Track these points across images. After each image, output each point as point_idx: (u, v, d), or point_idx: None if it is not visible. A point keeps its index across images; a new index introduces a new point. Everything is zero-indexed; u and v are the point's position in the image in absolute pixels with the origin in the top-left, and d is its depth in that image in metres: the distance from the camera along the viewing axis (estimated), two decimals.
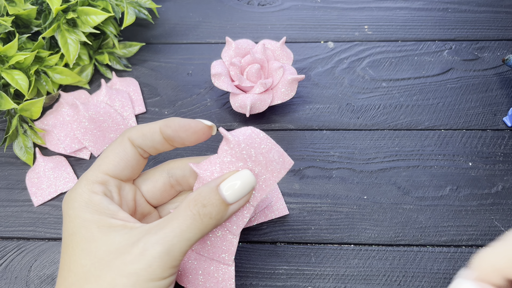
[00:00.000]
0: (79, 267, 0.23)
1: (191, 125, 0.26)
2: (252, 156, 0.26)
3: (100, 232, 0.23)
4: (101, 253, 0.23)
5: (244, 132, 0.26)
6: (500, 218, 0.35)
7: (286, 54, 0.41)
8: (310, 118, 0.42)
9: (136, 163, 0.27)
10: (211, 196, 0.24)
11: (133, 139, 0.27)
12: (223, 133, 0.26)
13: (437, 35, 0.47)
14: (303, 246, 0.35)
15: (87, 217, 0.24)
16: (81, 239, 0.23)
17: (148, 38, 0.49)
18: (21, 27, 0.42)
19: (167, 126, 0.26)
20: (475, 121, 0.41)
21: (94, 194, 0.25)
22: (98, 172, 0.26)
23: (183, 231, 0.23)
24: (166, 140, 0.27)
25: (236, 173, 0.25)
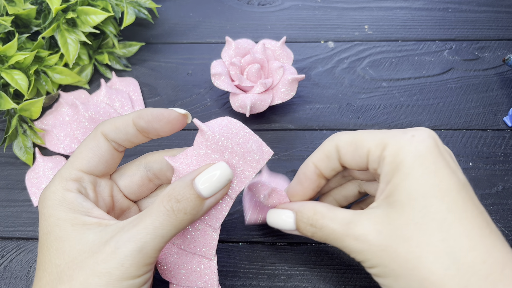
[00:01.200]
0: (53, 267, 0.23)
1: (164, 114, 0.25)
2: (228, 147, 0.25)
3: (74, 231, 0.23)
4: (75, 252, 0.22)
5: (220, 123, 0.26)
6: (500, 218, 0.35)
7: (286, 54, 0.41)
8: (310, 118, 0.42)
9: (110, 158, 0.26)
10: (185, 191, 0.23)
11: (106, 133, 0.26)
12: (197, 124, 0.25)
13: (437, 35, 0.47)
14: (303, 246, 0.35)
15: (60, 215, 0.23)
16: (55, 238, 0.23)
17: (148, 38, 0.49)
18: (20, 27, 0.42)
19: (140, 117, 0.25)
20: (475, 121, 0.41)
21: (68, 192, 0.24)
22: (71, 169, 0.25)
23: (156, 227, 0.22)
24: (140, 132, 0.26)
25: (211, 166, 0.24)
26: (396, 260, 0.22)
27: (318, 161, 0.27)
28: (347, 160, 0.26)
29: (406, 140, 0.23)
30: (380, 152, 0.24)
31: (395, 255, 0.22)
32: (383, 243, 0.22)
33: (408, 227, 0.22)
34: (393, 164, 0.23)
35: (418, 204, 0.22)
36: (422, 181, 0.22)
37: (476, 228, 0.21)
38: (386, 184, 0.23)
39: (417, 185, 0.22)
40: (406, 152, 0.23)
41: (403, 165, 0.22)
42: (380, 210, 0.23)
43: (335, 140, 0.26)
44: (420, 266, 0.21)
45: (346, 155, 0.26)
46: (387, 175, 0.23)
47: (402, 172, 0.22)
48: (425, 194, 0.22)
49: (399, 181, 0.22)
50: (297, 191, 0.28)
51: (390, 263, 0.22)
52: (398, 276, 0.22)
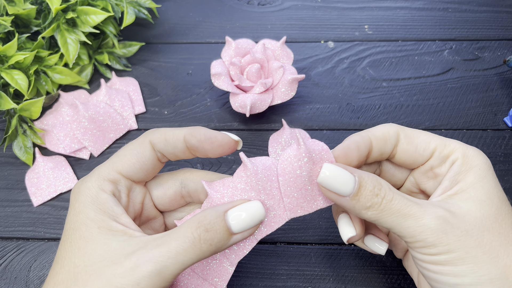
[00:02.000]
0: (71, 266, 0.23)
1: (218, 137, 0.25)
2: (267, 188, 0.25)
3: (99, 234, 0.23)
4: (95, 257, 0.22)
5: (264, 162, 0.25)
6: None
7: (286, 54, 0.41)
8: (310, 118, 0.42)
9: (152, 167, 0.26)
10: (216, 221, 0.23)
11: (155, 143, 0.26)
12: (242, 158, 0.25)
13: (437, 35, 0.47)
14: (303, 246, 0.35)
15: (90, 214, 0.23)
16: (80, 236, 0.23)
17: (148, 38, 0.49)
18: (20, 26, 0.42)
19: (192, 135, 0.25)
20: (475, 121, 0.41)
21: (102, 192, 0.24)
22: (111, 169, 0.25)
23: (179, 253, 0.22)
24: (188, 149, 0.26)
25: (246, 203, 0.24)
26: (481, 246, 0.22)
27: (375, 139, 0.26)
28: (403, 150, 0.26)
29: (473, 149, 0.25)
30: (448, 153, 0.25)
31: (480, 240, 0.22)
32: (467, 227, 0.22)
33: (488, 220, 0.23)
34: (467, 166, 0.25)
35: (494, 203, 0.23)
36: (494, 184, 0.24)
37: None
38: (456, 183, 0.24)
39: (491, 187, 0.24)
40: (480, 159, 0.25)
41: (479, 168, 0.24)
42: (455, 202, 0.24)
43: (397, 127, 0.27)
44: (502, 254, 0.22)
45: (405, 145, 0.26)
46: (459, 174, 0.25)
47: (479, 174, 0.24)
48: (499, 197, 0.24)
49: (476, 181, 0.24)
50: (341, 158, 0.26)
51: (473, 249, 0.22)
52: (479, 262, 0.22)
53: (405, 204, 0.23)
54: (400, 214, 0.23)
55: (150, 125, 0.42)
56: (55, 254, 0.35)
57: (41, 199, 0.38)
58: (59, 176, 0.39)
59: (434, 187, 0.27)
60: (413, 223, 0.22)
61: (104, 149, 0.40)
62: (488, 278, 0.21)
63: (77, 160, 0.40)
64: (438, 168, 0.26)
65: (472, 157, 0.25)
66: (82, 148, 0.40)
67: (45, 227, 0.37)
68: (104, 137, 0.40)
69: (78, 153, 0.40)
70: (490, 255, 0.22)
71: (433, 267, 0.23)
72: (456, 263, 0.22)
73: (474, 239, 0.22)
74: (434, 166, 0.26)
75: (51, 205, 0.38)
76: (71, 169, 0.39)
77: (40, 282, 0.34)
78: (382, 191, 0.23)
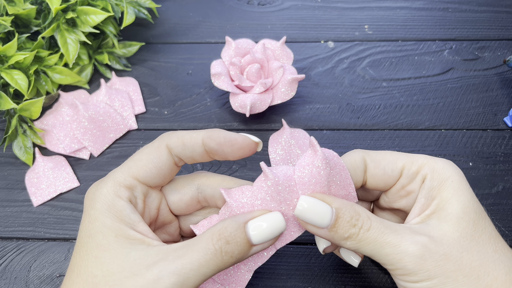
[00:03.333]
0: (89, 276, 0.22)
1: (238, 140, 0.25)
2: (287, 199, 0.25)
3: (117, 243, 0.23)
4: (114, 267, 0.22)
5: (286, 172, 0.25)
6: (500, 218, 0.35)
7: (286, 53, 0.41)
8: (310, 118, 0.42)
9: (169, 172, 0.26)
10: (237, 233, 0.23)
11: (172, 147, 0.25)
12: (263, 168, 0.24)
13: (437, 34, 0.47)
14: (303, 246, 0.35)
15: (107, 222, 0.23)
16: (97, 245, 0.23)
17: (148, 37, 0.49)
18: (20, 26, 0.42)
19: (211, 138, 0.25)
20: (475, 121, 0.41)
21: (119, 199, 0.24)
22: (127, 174, 0.25)
23: (201, 265, 0.22)
24: (207, 152, 0.26)
25: (267, 214, 0.24)
26: (461, 269, 0.22)
27: None
28: (372, 175, 0.26)
29: (441, 161, 0.25)
30: (417, 169, 0.25)
31: (459, 263, 0.22)
32: (445, 251, 0.22)
33: (466, 239, 0.22)
34: (439, 180, 0.24)
35: (471, 218, 0.23)
36: (469, 196, 0.24)
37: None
38: (432, 199, 0.24)
39: (467, 200, 0.23)
40: (450, 170, 0.24)
41: (451, 181, 0.24)
42: (433, 223, 0.23)
43: (362, 153, 0.26)
44: (482, 274, 0.22)
45: (373, 170, 0.26)
46: (433, 190, 0.24)
47: (452, 187, 0.24)
48: (475, 209, 0.23)
49: (451, 195, 0.24)
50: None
51: (453, 273, 0.22)
52: (460, 286, 0.21)
53: (382, 233, 0.23)
54: (377, 243, 0.23)
55: (150, 125, 0.42)
56: (55, 254, 0.35)
57: (41, 199, 0.38)
58: (59, 176, 0.39)
59: (409, 205, 0.26)
60: (391, 251, 0.22)
61: (104, 149, 0.40)
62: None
63: (77, 160, 0.40)
64: (409, 185, 0.26)
65: (442, 170, 0.24)
66: (82, 148, 0.40)
67: (45, 227, 0.37)
68: (104, 137, 0.40)
69: (78, 153, 0.40)
70: (470, 277, 0.22)
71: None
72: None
73: (453, 262, 0.22)
74: (405, 184, 0.26)
75: (51, 205, 0.38)
76: (71, 169, 0.39)
77: (40, 282, 0.34)
78: (360, 221, 0.23)
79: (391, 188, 0.27)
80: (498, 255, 0.22)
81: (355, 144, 0.40)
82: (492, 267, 0.22)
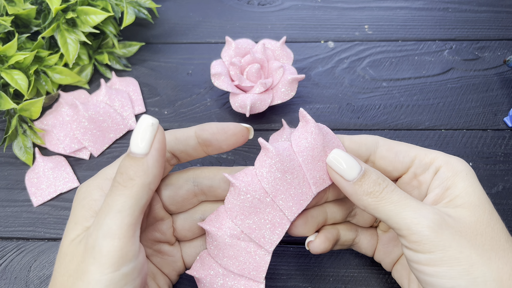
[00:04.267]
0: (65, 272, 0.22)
1: (230, 126, 0.25)
2: (290, 168, 0.25)
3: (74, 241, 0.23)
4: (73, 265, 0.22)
5: (282, 145, 0.26)
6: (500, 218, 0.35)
7: (286, 54, 0.41)
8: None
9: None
10: (123, 161, 0.23)
11: None
12: (262, 143, 0.25)
13: (437, 34, 0.47)
14: (303, 246, 0.35)
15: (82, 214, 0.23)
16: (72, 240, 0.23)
17: (148, 37, 0.49)
18: (20, 27, 0.42)
19: (204, 129, 0.25)
20: (475, 121, 0.41)
21: (99, 190, 0.24)
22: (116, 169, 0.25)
23: (111, 206, 0.22)
24: (200, 145, 0.26)
25: (137, 123, 0.23)
26: (474, 247, 0.22)
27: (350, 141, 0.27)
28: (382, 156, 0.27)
29: (454, 157, 0.26)
30: (430, 160, 0.26)
31: (473, 243, 0.22)
32: (461, 229, 0.22)
33: (482, 224, 0.23)
34: (453, 171, 0.25)
35: (486, 208, 0.24)
36: (482, 190, 0.25)
37: None
38: (446, 189, 0.25)
39: (482, 193, 0.24)
40: (464, 165, 0.25)
41: (466, 173, 0.25)
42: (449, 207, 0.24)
43: (378, 137, 0.27)
44: (494, 257, 0.22)
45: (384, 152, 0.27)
46: (447, 180, 0.25)
47: (467, 179, 0.25)
48: (489, 202, 0.24)
49: (466, 185, 0.24)
50: None
51: (467, 249, 0.22)
52: (474, 264, 0.22)
53: (406, 196, 0.24)
54: (399, 204, 0.23)
55: None
56: (55, 254, 0.35)
57: (41, 199, 0.38)
58: (59, 176, 0.39)
59: (421, 197, 0.27)
60: (410, 214, 0.23)
61: (104, 149, 0.40)
62: (482, 280, 0.21)
63: (77, 160, 0.40)
64: (421, 175, 0.26)
65: (455, 164, 0.25)
66: (82, 148, 0.40)
67: (45, 227, 0.37)
68: (104, 137, 0.40)
69: (78, 153, 0.40)
70: (483, 257, 0.22)
71: (428, 269, 0.22)
72: (451, 264, 0.22)
73: (468, 240, 0.22)
74: (418, 174, 0.26)
75: (51, 205, 0.38)
76: (71, 169, 0.39)
77: (40, 282, 0.34)
78: (385, 182, 0.24)
79: (403, 177, 0.27)
80: (509, 245, 0.23)
81: None
82: (502, 254, 0.22)
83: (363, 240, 0.31)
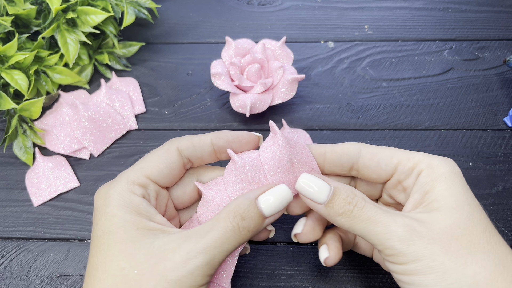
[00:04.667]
0: (117, 270, 0.23)
1: (244, 135, 0.28)
2: (255, 178, 0.27)
3: (139, 235, 0.23)
4: (141, 257, 0.23)
5: (251, 155, 0.27)
6: (500, 218, 0.35)
7: (286, 54, 0.41)
8: (310, 118, 0.42)
9: (178, 173, 0.27)
10: (250, 209, 0.25)
11: (182, 149, 0.27)
12: (230, 154, 0.27)
13: (437, 35, 0.47)
14: (303, 246, 0.35)
15: (126, 217, 0.24)
16: (119, 240, 0.23)
17: (148, 38, 0.49)
18: (20, 27, 0.42)
19: (220, 138, 0.27)
20: (475, 121, 0.41)
21: (134, 195, 0.25)
22: (140, 174, 0.26)
23: (224, 242, 0.23)
24: (215, 152, 0.28)
25: (273, 188, 0.26)
26: (447, 253, 0.22)
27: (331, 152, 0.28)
28: (365, 165, 0.27)
29: (439, 158, 0.26)
30: (413, 165, 0.26)
31: (447, 248, 0.22)
32: (433, 236, 0.22)
33: (458, 228, 0.23)
34: (433, 176, 0.25)
35: (464, 210, 0.24)
36: (463, 190, 0.24)
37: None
38: (425, 193, 0.25)
39: (460, 194, 0.24)
40: (446, 167, 0.25)
41: (445, 177, 0.25)
42: (425, 211, 0.24)
43: (359, 145, 0.28)
44: (470, 262, 0.22)
45: (367, 161, 0.27)
46: (426, 184, 0.25)
47: (446, 182, 0.24)
48: (469, 203, 0.24)
49: (443, 189, 0.24)
50: None
51: (440, 256, 0.22)
52: (447, 270, 0.22)
53: (375, 212, 0.24)
54: (370, 221, 0.24)
55: (150, 125, 0.42)
56: (55, 254, 0.35)
57: (41, 199, 0.38)
58: (59, 176, 0.39)
59: (406, 200, 0.27)
60: (382, 230, 0.23)
61: (104, 149, 0.40)
62: (457, 286, 0.21)
63: (77, 160, 0.40)
64: (405, 181, 0.27)
65: (438, 167, 0.25)
66: (82, 148, 0.40)
67: (45, 227, 0.37)
68: (104, 137, 0.40)
69: (78, 153, 0.40)
70: (457, 262, 0.22)
71: (405, 278, 0.23)
72: (425, 272, 0.22)
73: (441, 247, 0.22)
74: (401, 180, 0.27)
75: (51, 205, 0.38)
76: (71, 169, 0.39)
77: (40, 282, 0.34)
78: (355, 199, 0.25)
79: (388, 182, 0.28)
80: (490, 247, 0.23)
81: None
82: (481, 257, 0.22)
83: (361, 241, 0.31)
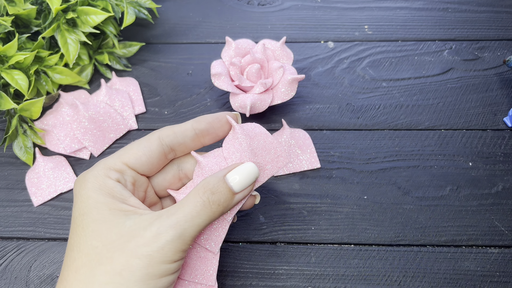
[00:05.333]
0: (90, 248, 0.23)
1: (222, 115, 0.28)
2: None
3: (111, 215, 0.24)
4: (112, 236, 0.23)
5: (215, 153, 0.28)
6: (500, 218, 0.35)
7: (286, 54, 0.41)
8: (310, 118, 0.42)
9: (157, 162, 0.28)
10: (219, 184, 0.25)
11: (163, 137, 0.27)
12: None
13: (437, 35, 0.47)
14: (303, 246, 0.35)
15: (99, 199, 0.24)
16: (92, 220, 0.24)
17: (148, 38, 0.49)
18: (21, 27, 0.42)
19: (200, 121, 0.28)
20: (475, 121, 0.41)
21: (109, 179, 0.25)
22: (117, 160, 0.26)
23: (194, 216, 0.24)
24: (198, 136, 0.28)
25: (241, 165, 0.26)
26: None
27: None
28: None
29: None
30: None
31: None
32: None
33: None
34: None
35: None
36: None
37: None
38: None
39: None
40: None
41: None
42: None
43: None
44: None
45: None
46: None
47: None
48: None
49: None
50: None
51: None
52: None
53: None
54: None
55: (150, 125, 0.42)
56: (55, 254, 0.35)
57: (41, 199, 0.38)
58: (59, 176, 0.39)
59: None
60: None
61: (104, 149, 0.40)
62: None
63: (77, 160, 0.40)
64: None
65: None
66: (82, 148, 0.40)
67: (45, 227, 0.37)
68: (104, 137, 0.40)
69: (78, 153, 0.40)
70: None
71: None
72: None
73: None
74: None
75: (51, 205, 0.38)
76: (71, 169, 0.39)
77: (40, 282, 0.34)
78: None
79: None
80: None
81: (355, 144, 0.40)
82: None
83: None
